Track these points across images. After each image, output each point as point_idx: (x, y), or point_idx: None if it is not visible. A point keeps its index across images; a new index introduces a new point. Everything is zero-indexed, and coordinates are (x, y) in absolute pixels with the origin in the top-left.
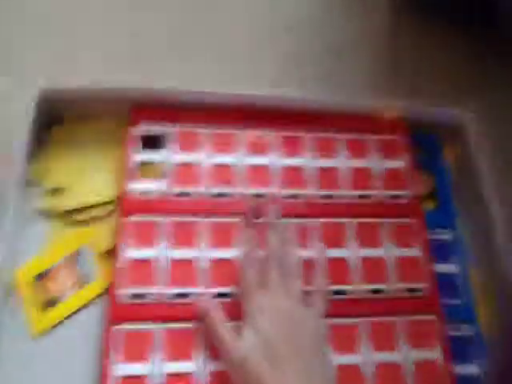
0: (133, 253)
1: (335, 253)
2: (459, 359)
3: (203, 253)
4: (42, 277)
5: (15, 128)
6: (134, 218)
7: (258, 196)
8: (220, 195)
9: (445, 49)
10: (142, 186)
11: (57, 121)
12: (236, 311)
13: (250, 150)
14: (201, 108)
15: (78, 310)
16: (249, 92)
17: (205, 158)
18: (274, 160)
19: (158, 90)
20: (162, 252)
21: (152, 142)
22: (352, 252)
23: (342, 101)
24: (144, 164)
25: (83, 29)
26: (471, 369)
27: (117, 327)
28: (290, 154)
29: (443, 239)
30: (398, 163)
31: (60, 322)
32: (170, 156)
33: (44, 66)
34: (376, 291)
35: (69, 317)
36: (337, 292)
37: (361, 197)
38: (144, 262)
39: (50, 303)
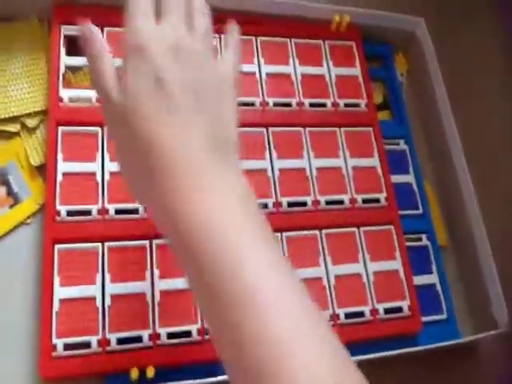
0: (68, 167)
1: (291, 163)
2: (417, 269)
3: None
4: None
5: None
6: (66, 129)
7: None
8: None
9: None
10: (73, 94)
11: None
12: None
13: None
14: None
15: (10, 232)
16: None
17: None
18: None
19: None
20: (100, 165)
21: (78, 46)
22: (309, 162)
23: (293, 3)
24: (73, 70)
25: None
26: (429, 279)
27: (59, 246)
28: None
29: (398, 150)
30: (352, 71)
31: None
32: None
33: None
34: (334, 202)
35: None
36: (295, 204)
37: (316, 105)
38: (81, 177)
39: None
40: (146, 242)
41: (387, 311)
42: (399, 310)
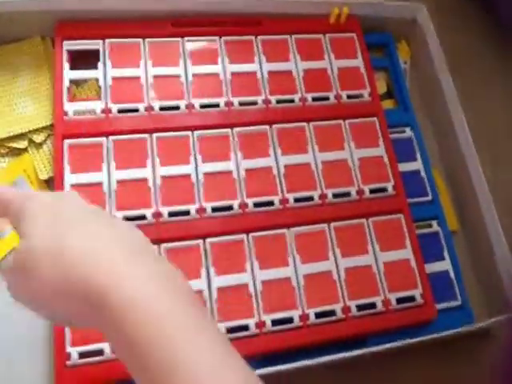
0: (75, 178)
1: (296, 159)
2: (429, 256)
3: (154, 171)
4: None
5: None
6: (72, 142)
7: (209, 107)
8: (165, 109)
9: None
10: (77, 107)
11: None
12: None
13: (195, 59)
14: (134, 18)
15: None
16: None
17: (144, 70)
18: (223, 67)
19: None
20: (107, 175)
21: (83, 59)
22: (314, 156)
23: (291, 1)
24: (77, 83)
25: None
26: (442, 265)
27: None
28: (240, 60)
29: (405, 137)
30: (354, 62)
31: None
32: (104, 72)
33: None
34: (341, 195)
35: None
36: (302, 199)
37: (319, 99)
38: (88, 187)
39: None
40: (155, 247)
41: (400, 301)
42: (412, 299)
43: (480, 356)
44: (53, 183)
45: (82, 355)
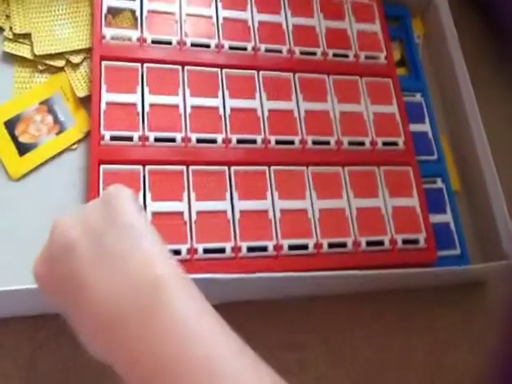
0: (111, 97)
1: (317, 106)
2: (433, 209)
3: (185, 100)
4: (14, 122)
5: None
6: (109, 63)
7: (236, 49)
8: (197, 45)
9: None
10: (115, 32)
11: None
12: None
13: (226, 4)
14: None
15: (56, 157)
16: None
17: (178, 7)
18: (251, 15)
19: None
20: (141, 97)
21: None
22: (333, 106)
23: None
24: (113, 14)
25: None
26: (444, 218)
27: (104, 167)
28: (266, 10)
29: (415, 101)
30: (372, 27)
31: (38, 167)
32: (141, 3)
33: None
34: (357, 143)
35: (47, 162)
36: (320, 142)
37: (338, 55)
38: (123, 107)
39: (26, 148)
40: (183, 168)
41: (405, 242)
42: (416, 241)
43: (473, 304)
44: (88, 101)
45: None
